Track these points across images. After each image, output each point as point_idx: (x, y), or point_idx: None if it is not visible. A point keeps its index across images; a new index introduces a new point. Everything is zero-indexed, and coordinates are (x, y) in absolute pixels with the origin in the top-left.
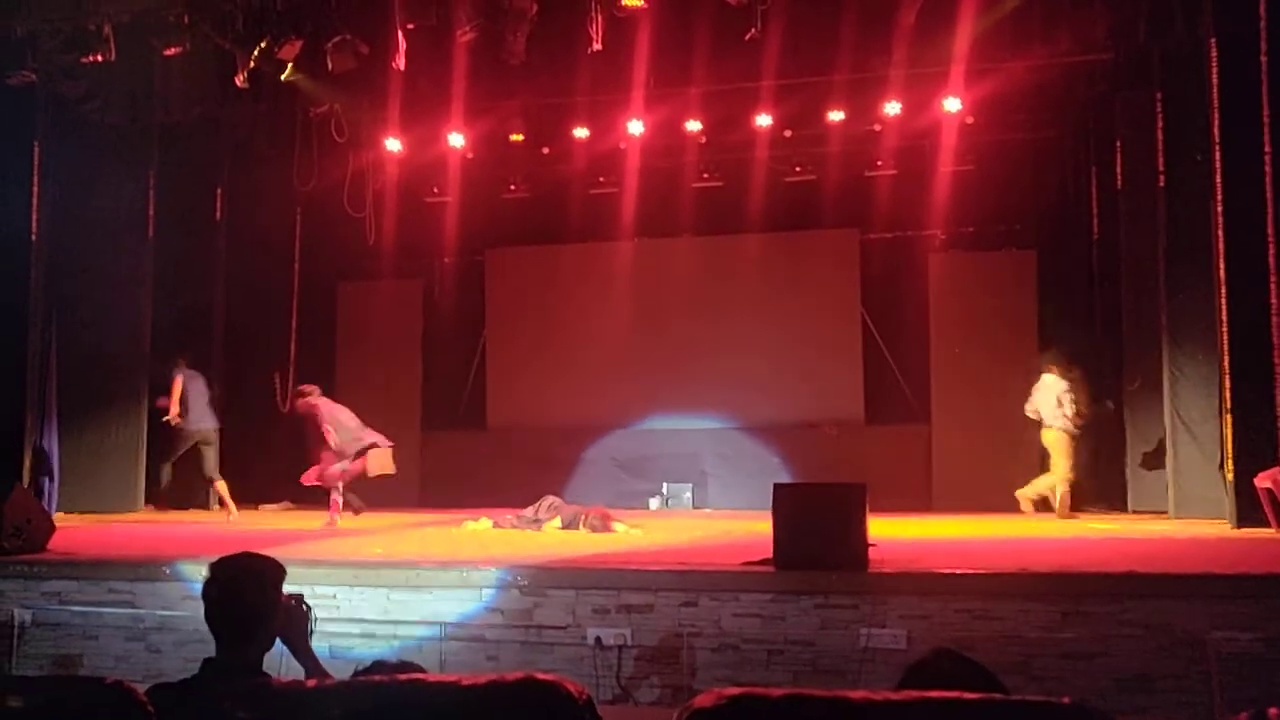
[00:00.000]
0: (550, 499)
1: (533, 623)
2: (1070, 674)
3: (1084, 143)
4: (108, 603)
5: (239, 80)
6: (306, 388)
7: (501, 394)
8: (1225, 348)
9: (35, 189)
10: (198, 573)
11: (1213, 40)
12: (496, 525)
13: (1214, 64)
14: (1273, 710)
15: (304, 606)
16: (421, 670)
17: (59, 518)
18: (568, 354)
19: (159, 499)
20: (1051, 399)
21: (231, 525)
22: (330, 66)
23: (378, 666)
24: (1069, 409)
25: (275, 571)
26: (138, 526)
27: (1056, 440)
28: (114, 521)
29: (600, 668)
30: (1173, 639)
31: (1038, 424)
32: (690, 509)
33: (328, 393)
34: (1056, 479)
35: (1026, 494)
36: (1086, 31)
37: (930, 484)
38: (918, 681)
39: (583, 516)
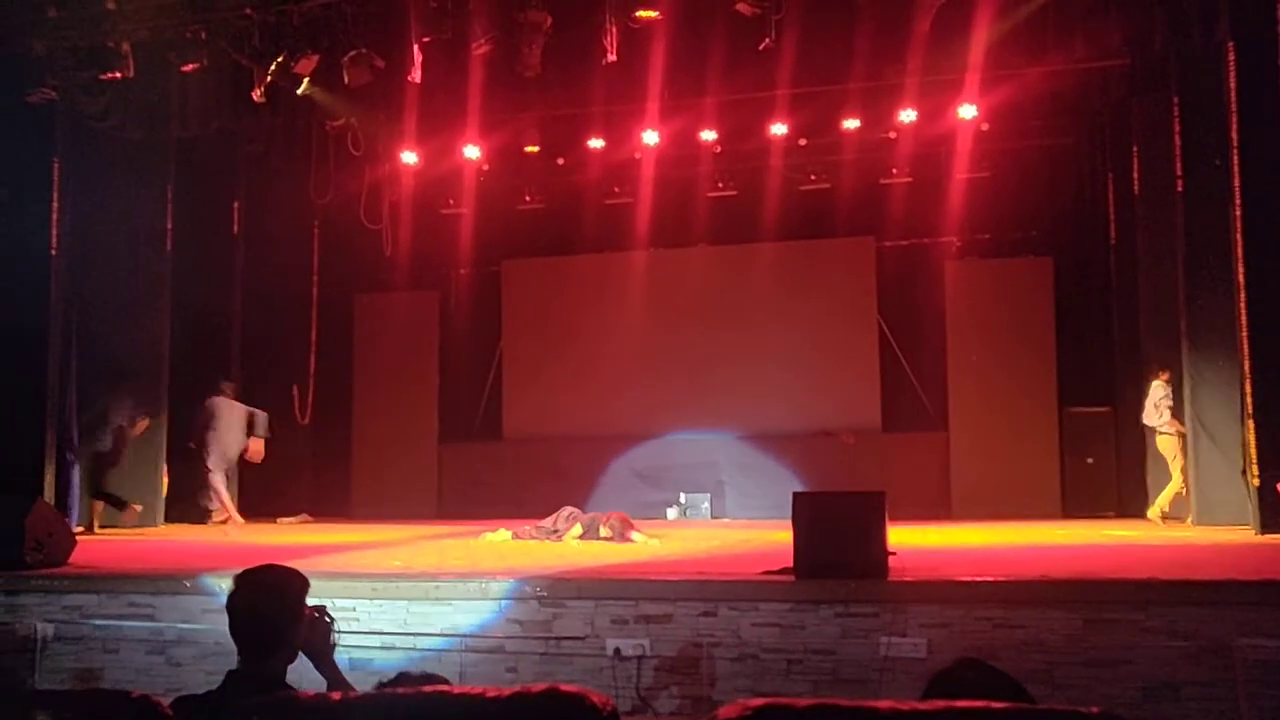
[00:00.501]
0: (568, 509)
1: (551, 634)
2: (1094, 682)
3: (1100, 149)
4: (128, 616)
5: (256, 95)
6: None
7: (518, 405)
8: (1246, 352)
9: (55, 205)
10: (218, 586)
11: (1230, 44)
12: (516, 536)
13: (1231, 68)
14: None
15: (327, 619)
16: (446, 682)
17: (79, 532)
18: (584, 364)
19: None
20: (1151, 405)
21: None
22: (346, 80)
23: (402, 678)
24: (1165, 414)
25: (299, 584)
26: (157, 540)
27: (1165, 445)
28: (134, 535)
29: (619, 678)
30: (1198, 646)
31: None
32: (708, 518)
33: (345, 404)
34: (1174, 483)
35: (1155, 514)
36: (1102, 37)
37: (949, 491)
38: (942, 691)
39: (602, 520)
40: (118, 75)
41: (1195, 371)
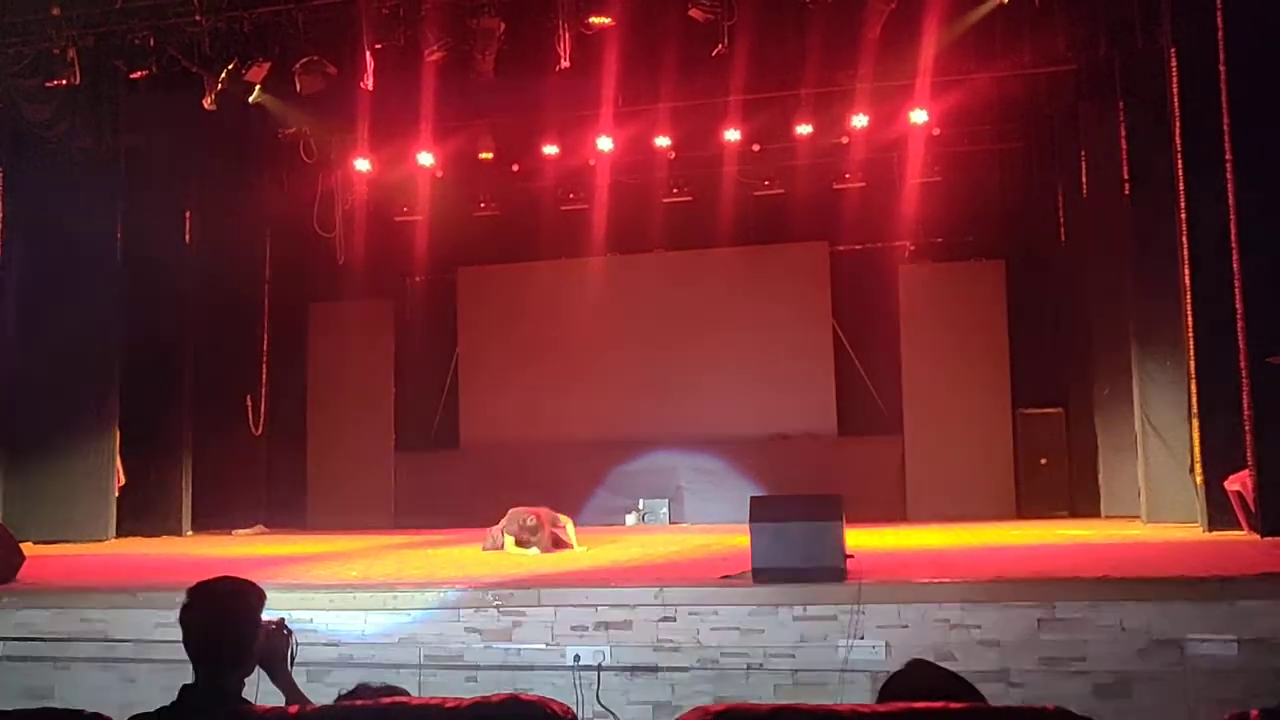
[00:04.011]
0: (513, 511)
1: (511, 642)
2: (1048, 680)
3: (1049, 153)
4: (80, 633)
5: (207, 102)
6: None
7: (475, 412)
8: (1192, 353)
9: (0, 215)
10: (171, 600)
11: (1172, 50)
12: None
13: (1174, 74)
14: (1254, 712)
15: (285, 631)
16: (405, 693)
17: (28, 547)
18: (541, 371)
19: None
20: None
21: (202, 551)
22: (298, 88)
23: (361, 690)
24: None
25: (256, 596)
26: (109, 554)
27: None
28: (86, 549)
29: (580, 686)
30: (1149, 643)
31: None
32: (666, 524)
33: (300, 414)
34: None
35: None
36: (1048, 44)
37: (904, 493)
38: (895, 694)
39: (523, 520)
40: (64, 83)
41: (1144, 372)
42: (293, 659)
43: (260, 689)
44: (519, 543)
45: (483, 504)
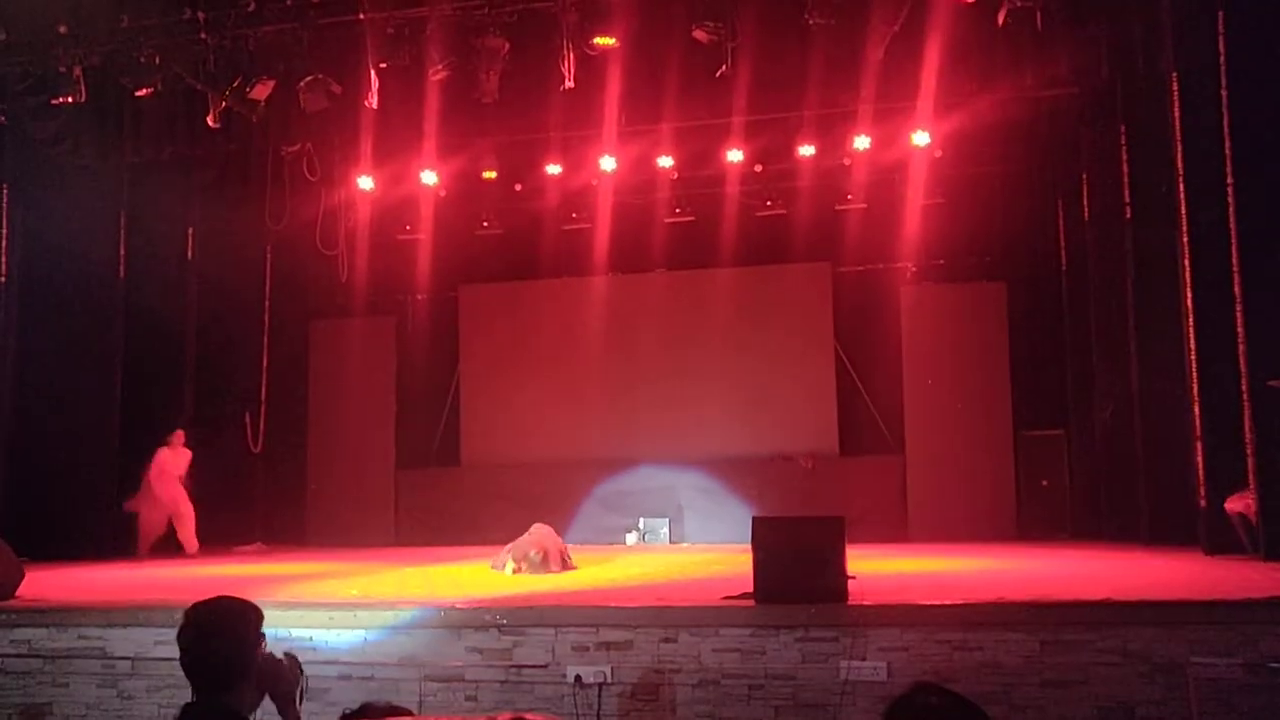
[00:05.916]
0: (528, 535)
1: (512, 662)
2: (1051, 703)
3: (1051, 175)
4: (78, 650)
5: (210, 120)
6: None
7: (476, 431)
8: (1194, 374)
9: (4, 231)
10: (170, 617)
11: (1174, 75)
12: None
13: (1175, 98)
14: None
15: (298, 667)
16: (409, 713)
17: (27, 564)
18: (542, 390)
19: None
20: None
21: (200, 568)
22: (302, 105)
23: (366, 709)
24: None
25: (253, 615)
26: (109, 572)
27: None
28: (84, 567)
29: (580, 706)
30: (1152, 666)
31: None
32: (667, 543)
33: (300, 431)
34: None
35: None
36: (1051, 67)
37: (906, 514)
38: (901, 716)
39: (528, 552)
40: (69, 100)
41: (1145, 394)
42: (303, 695)
43: (263, 708)
44: (517, 570)
45: (484, 522)
